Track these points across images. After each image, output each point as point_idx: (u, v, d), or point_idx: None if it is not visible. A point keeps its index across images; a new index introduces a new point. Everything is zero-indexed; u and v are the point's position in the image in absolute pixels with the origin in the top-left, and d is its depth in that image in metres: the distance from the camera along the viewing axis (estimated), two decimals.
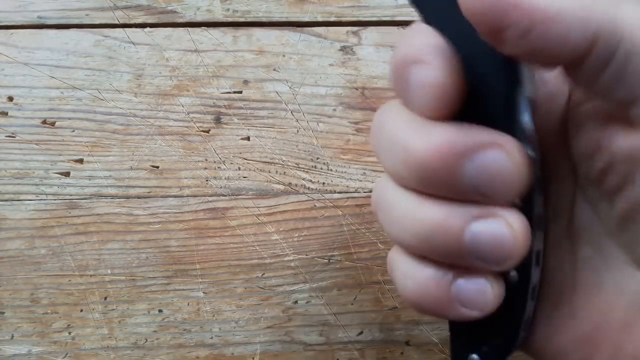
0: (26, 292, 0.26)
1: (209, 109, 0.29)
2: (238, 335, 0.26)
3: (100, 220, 0.27)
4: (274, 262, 0.27)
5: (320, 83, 0.29)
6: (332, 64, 0.29)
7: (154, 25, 0.30)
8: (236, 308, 0.26)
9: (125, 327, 0.26)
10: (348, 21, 0.30)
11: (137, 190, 0.27)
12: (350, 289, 0.27)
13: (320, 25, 0.30)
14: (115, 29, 0.29)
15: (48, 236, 0.27)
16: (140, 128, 0.28)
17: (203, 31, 0.30)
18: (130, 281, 0.27)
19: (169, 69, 0.29)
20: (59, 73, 0.29)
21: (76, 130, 0.28)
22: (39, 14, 0.29)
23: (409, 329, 0.26)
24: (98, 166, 0.28)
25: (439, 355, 0.26)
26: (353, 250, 0.27)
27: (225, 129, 0.28)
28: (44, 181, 0.27)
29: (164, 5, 0.30)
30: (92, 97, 0.28)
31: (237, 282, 0.27)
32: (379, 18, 0.30)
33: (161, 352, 0.26)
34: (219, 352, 0.26)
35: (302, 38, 0.30)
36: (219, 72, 0.29)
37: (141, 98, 0.29)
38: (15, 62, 0.29)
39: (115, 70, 0.29)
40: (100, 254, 0.27)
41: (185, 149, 0.28)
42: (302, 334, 0.26)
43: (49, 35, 0.29)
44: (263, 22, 0.30)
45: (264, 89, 0.29)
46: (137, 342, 0.26)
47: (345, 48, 0.29)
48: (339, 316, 0.26)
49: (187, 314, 0.26)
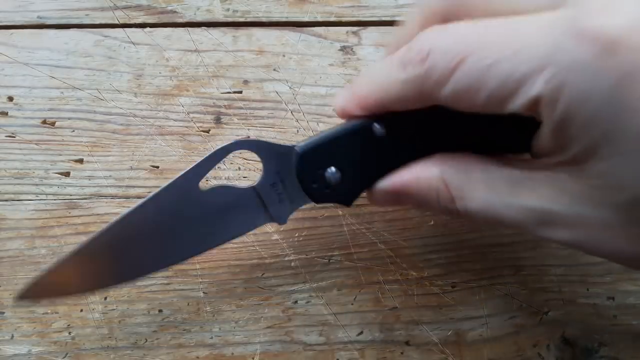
0: None
1: (209, 109, 0.29)
2: (238, 335, 0.26)
3: (100, 220, 0.27)
4: (274, 262, 0.27)
5: (320, 83, 0.29)
6: (332, 64, 0.29)
7: (154, 25, 0.30)
8: (236, 308, 0.26)
9: (125, 327, 0.26)
10: (348, 21, 0.30)
11: (137, 190, 0.27)
12: (350, 289, 0.27)
13: (320, 25, 0.30)
14: (115, 29, 0.29)
15: (48, 236, 0.27)
16: (140, 128, 0.28)
17: (203, 31, 0.30)
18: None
19: (169, 69, 0.29)
20: (59, 73, 0.29)
21: (76, 130, 0.28)
22: (39, 14, 0.29)
23: (409, 329, 0.26)
24: (98, 166, 0.28)
25: (439, 355, 0.26)
26: (353, 250, 0.27)
27: (225, 129, 0.28)
28: (44, 181, 0.27)
29: (164, 5, 0.30)
30: (92, 97, 0.28)
31: (237, 282, 0.27)
32: (379, 18, 0.30)
33: (161, 352, 0.26)
34: (219, 352, 0.26)
35: (302, 38, 0.30)
36: (219, 72, 0.29)
37: (141, 98, 0.29)
38: (15, 62, 0.29)
39: (115, 70, 0.29)
40: None
41: (185, 149, 0.28)
42: (302, 334, 0.26)
43: (49, 35, 0.29)
44: (263, 22, 0.30)
45: (264, 89, 0.29)
46: (137, 342, 0.26)
47: (345, 48, 0.29)
48: (339, 316, 0.26)
49: (187, 314, 0.26)
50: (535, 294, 0.23)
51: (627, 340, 0.26)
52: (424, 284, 0.27)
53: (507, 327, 0.26)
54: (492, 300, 0.27)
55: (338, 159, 0.21)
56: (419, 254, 0.27)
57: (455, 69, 0.17)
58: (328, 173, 0.22)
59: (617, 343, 0.26)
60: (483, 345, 0.26)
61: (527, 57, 0.16)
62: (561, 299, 0.26)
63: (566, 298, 0.26)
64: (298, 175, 0.22)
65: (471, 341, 0.26)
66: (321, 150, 0.22)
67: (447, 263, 0.27)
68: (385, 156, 0.21)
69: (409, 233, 0.27)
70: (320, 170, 0.22)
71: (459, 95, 0.18)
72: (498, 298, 0.27)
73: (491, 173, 0.20)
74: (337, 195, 0.22)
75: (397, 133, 0.21)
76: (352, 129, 0.21)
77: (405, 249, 0.27)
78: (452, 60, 0.17)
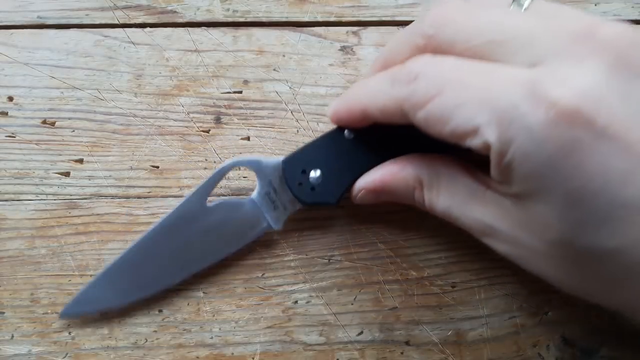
0: (26, 292, 0.26)
1: (209, 109, 0.29)
2: (238, 335, 0.26)
3: (100, 220, 0.27)
4: (274, 262, 0.27)
5: (320, 83, 0.29)
6: (332, 64, 0.29)
7: (154, 25, 0.30)
8: (236, 308, 0.26)
9: (125, 327, 0.26)
10: (348, 21, 0.30)
11: (137, 190, 0.27)
12: (350, 289, 0.27)
13: (320, 25, 0.30)
14: (115, 29, 0.29)
15: (48, 236, 0.27)
16: (140, 128, 0.28)
17: (203, 31, 0.30)
18: None
19: (169, 69, 0.29)
20: (59, 73, 0.29)
21: (76, 130, 0.28)
22: (39, 14, 0.29)
23: (409, 329, 0.26)
24: (98, 166, 0.28)
25: (439, 355, 0.26)
26: (353, 250, 0.27)
27: (225, 129, 0.28)
28: (44, 181, 0.27)
29: (164, 5, 0.30)
30: (92, 97, 0.28)
31: (237, 282, 0.27)
32: (379, 18, 0.30)
33: (161, 352, 0.26)
34: (219, 352, 0.26)
35: (302, 38, 0.30)
36: (219, 72, 0.29)
37: (141, 98, 0.29)
38: (15, 62, 0.29)
39: (115, 70, 0.29)
40: (100, 254, 0.27)
41: (185, 149, 0.28)
42: (302, 334, 0.26)
43: (49, 35, 0.29)
44: (263, 22, 0.30)
45: (264, 89, 0.29)
46: (137, 342, 0.26)
47: (345, 48, 0.29)
48: (339, 316, 0.26)
49: (187, 314, 0.26)
50: (535, 294, 0.23)
51: (627, 340, 0.26)
52: (424, 284, 0.27)
53: (507, 327, 0.26)
54: (492, 300, 0.27)
55: (318, 162, 0.24)
56: (419, 254, 0.27)
57: (432, 99, 0.19)
58: (310, 174, 0.24)
59: (617, 343, 0.26)
60: (483, 345, 0.26)
61: (488, 108, 0.18)
62: (561, 299, 0.26)
63: (566, 298, 0.26)
64: (285, 179, 0.25)
65: (471, 341, 0.26)
66: (302, 155, 0.25)
67: (447, 263, 0.27)
68: (357, 156, 0.24)
69: (409, 233, 0.27)
70: (304, 173, 0.24)
71: (429, 122, 0.20)
72: (498, 298, 0.27)
73: (454, 180, 0.22)
74: (321, 194, 0.25)
75: (364, 137, 0.24)
76: (328, 135, 0.25)
77: (405, 249, 0.27)
78: (431, 90, 0.19)
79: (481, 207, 0.21)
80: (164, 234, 0.25)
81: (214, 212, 0.25)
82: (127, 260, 0.25)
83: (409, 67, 0.21)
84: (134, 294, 0.25)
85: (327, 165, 0.24)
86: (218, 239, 0.25)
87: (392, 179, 0.24)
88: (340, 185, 0.24)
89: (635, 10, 0.30)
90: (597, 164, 0.17)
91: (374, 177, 0.24)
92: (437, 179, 0.23)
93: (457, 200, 0.22)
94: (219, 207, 0.25)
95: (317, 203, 0.25)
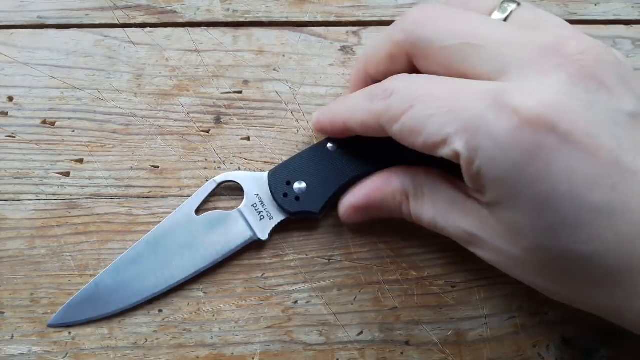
0: (26, 292, 0.26)
1: (209, 109, 0.29)
2: (238, 335, 0.26)
3: (100, 220, 0.27)
4: (274, 262, 0.27)
5: (320, 83, 0.29)
6: (332, 64, 0.29)
7: (154, 25, 0.30)
8: (236, 308, 0.26)
9: (125, 327, 0.26)
10: (348, 21, 0.30)
11: (137, 190, 0.27)
12: (350, 289, 0.27)
13: (320, 25, 0.30)
14: (115, 29, 0.29)
15: (48, 236, 0.27)
16: (140, 128, 0.28)
17: (203, 31, 0.30)
18: None
19: (169, 69, 0.29)
20: (59, 73, 0.29)
21: (76, 130, 0.28)
22: (39, 14, 0.29)
23: (409, 329, 0.26)
24: (98, 166, 0.28)
25: (439, 355, 0.26)
26: (353, 250, 0.27)
27: (225, 129, 0.28)
28: (44, 181, 0.27)
29: (164, 5, 0.30)
30: (92, 97, 0.28)
31: (237, 282, 0.27)
32: (379, 18, 0.30)
33: (161, 352, 0.26)
34: (219, 352, 0.26)
35: (302, 38, 0.30)
36: (219, 72, 0.29)
37: (141, 98, 0.29)
38: (15, 62, 0.29)
39: (115, 70, 0.29)
40: (100, 254, 0.27)
41: (185, 149, 0.28)
42: (302, 334, 0.26)
43: (49, 35, 0.29)
44: (263, 22, 0.30)
45: (264, 89, 0.29)
46: (137, 342, 0.26)
47: (345, 48, 0.29)
48: (339, 316, 0.26)
49: (187, 314, 0.26)
50: (535, 294, 0.23)
51: (627, 340, 0.26)
52: (424, 284, 0.27)
53: (507, 327, 0.26)
54: (492, 300, 0.27)
55: (302, 173, 0.26)
56: (419, 254, 0.27)
57: (405, 112, 0.20)
58: (295, 185, 0.25)
59: (617, 343, 0.26)
60: (483, 345, 0.26)
61: (455, 118, 0.19)
62: None
63: None
64: (270, 190, 0.26)
65: (471, 341, 0.26)
66: (287, 167, 0.26)
67: (447, 263, 0.27)
68: (340, 167, 0.25)
69: (409, 233, 0.27)
70: (288, 184, 0.25)
71: (404, 134, 0.21)
72: (498, 298, 0.27)
73: (437, 191, 0.23)
74: (305, 204, 0.25)
75: (346, 149, 0.25)
76: (312, 148, 0.26)
77: (405, 249, 0.27)
78: (405, 104, 0.20)
79: (463, 216, 0.22)
80: (150, 246, 0.26)
81: (201, 222, 0.26)
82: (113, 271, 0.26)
83: (385, 84, 0.22)
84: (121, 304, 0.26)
85: (311, 177, 0.25)
86: (205, 247, 0.26)
87: (377, 193, 0.24)
88: (324, 196, 0.25)
89: (635, 10, 0.30)
90: (563, 168, 0.18)
91: (359, 193, 0.25)
92: (421, 190, 0.23)
93: (440, 211, 0.23)
94: (206, 217, 0.26)
95: (301, 212, 0.25)
